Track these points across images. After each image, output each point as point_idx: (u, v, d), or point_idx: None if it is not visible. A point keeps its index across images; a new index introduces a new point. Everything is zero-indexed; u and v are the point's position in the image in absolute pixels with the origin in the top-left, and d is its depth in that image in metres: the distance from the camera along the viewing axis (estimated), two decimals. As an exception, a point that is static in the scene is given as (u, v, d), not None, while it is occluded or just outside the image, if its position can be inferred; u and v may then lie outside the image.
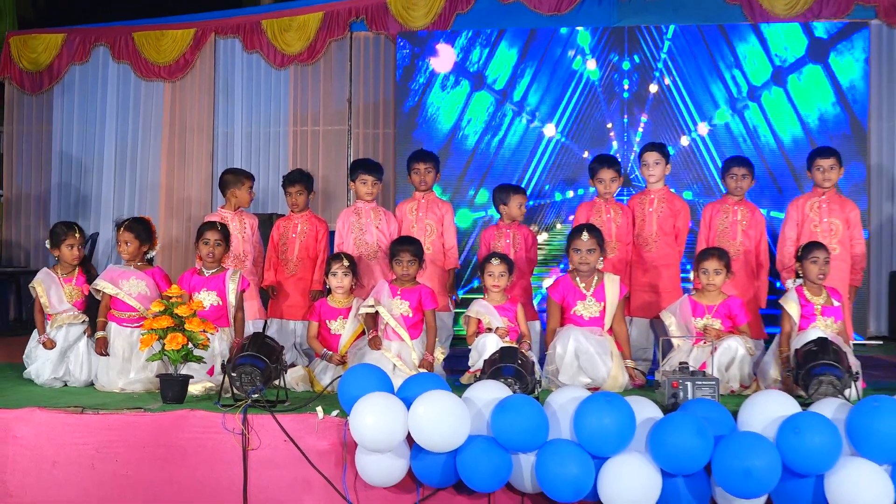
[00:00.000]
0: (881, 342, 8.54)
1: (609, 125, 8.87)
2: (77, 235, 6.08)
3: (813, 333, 5.56)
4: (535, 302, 7.11)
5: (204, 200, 9.41)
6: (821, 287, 5.85)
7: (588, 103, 8.85)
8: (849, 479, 4.29)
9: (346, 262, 6.08)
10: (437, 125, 8.96)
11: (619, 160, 7.46)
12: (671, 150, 7.83)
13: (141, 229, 5.96)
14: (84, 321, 6.01)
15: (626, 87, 8.84)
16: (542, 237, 8.72)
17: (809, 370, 5.06)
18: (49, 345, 5.89)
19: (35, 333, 6.03)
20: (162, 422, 4.91)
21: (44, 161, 9.70)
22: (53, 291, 6.02)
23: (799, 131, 8.63)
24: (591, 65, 8.85)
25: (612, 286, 6.04)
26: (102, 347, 5.77)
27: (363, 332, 6.01)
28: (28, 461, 4.91)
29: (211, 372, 5.62)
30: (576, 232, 6.08)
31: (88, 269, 6.18)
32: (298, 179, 6.83)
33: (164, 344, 5.19)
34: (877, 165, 8.78)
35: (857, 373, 5.16)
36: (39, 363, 5.92)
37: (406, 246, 6.02)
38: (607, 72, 8.86)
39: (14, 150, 9.74)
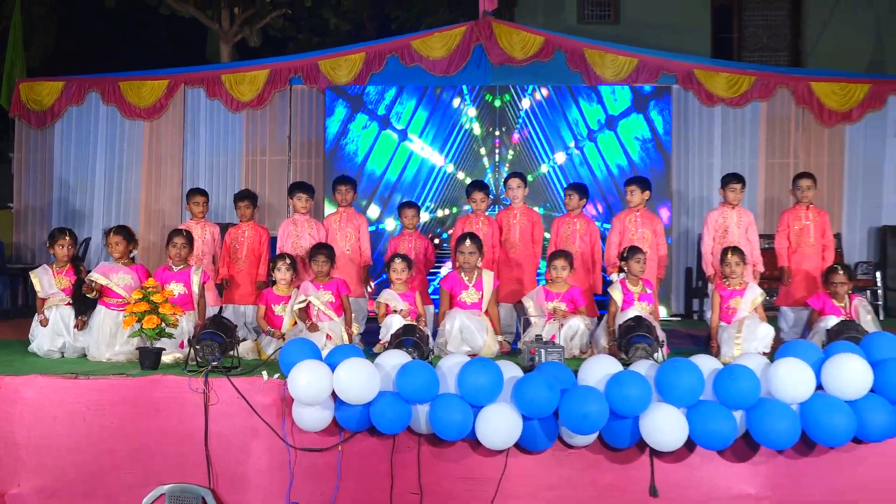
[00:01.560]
0: (679, 318, 8.79)
1: (484, 156, 8.92)
2: (66, 238, 5.96)
3: (631, 313, 5.70)
4: (429, 291, 7.12)
5: (175, 214, 9.18)
6: (638, 279, 6.00)
7: (469, 142, 8.90)
8: (657, 419, 4.41)
9: (287, 261, 6.10)
10: (354, 157, 8.89)
11: (491, 185, 7.52)
12: (531, 178, 7.92)
13: (127, 233, 5.90)
14: (69, 303, 5.82)
15: (496, 129, 8.90)
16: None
17: (629, 340, 5.19)
18: (44, 322, 5.74)
19: (36, 316, 5.84)
20: (140, 384, 4.80)
21: (46, 181, 9.33)
22: (46, 280, 5.88)
23: (624, 164, 8.84)
24: (472, 112, 8.91)
25: (488, 279, 6.11)
26: (83, 324, 5.67)
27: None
28: (32, 417, 4.76)
29: (181, 346, 5.48)
30: (461, 239, 6.13)
31: (78, 266, 6.03)
32: (246, 196, 6.84)
33: (143, 323, 5.10)
34: (676, 191, 9.05)
35: (662, 341, 5.32)
36: (39, 338, 5.75)
37: (321, 250, 6.06)
38: (483, 118, 8.91)
39: (22, 172, 9.36)
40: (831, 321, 5.62)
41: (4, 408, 4.76)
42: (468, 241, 6.06)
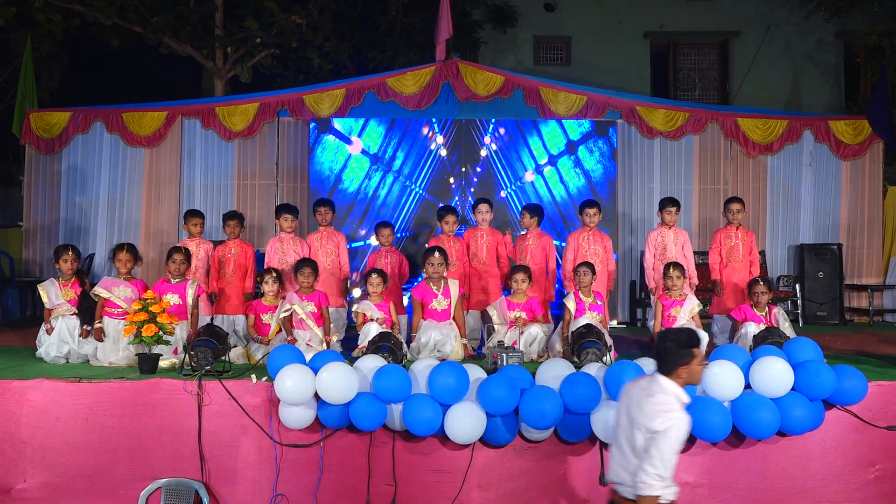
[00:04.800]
0: (625, 325, 8.82)
1: (452, 183, 8.91)
2: (70, 254, 5.85)
3: (582, 321, 5.72)
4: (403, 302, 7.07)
5: (172, 232, 9.03)
6: (590, 290, 6.03)
7: (438, 169, 8.88)
8: (606, 415, 4.42)
9: (273, 275, 6.06)
10: (336, 183, 8.83)
11: (458, 208, 7.51)
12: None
13: (135, 251, 5.87)
14: (74, 313, 5.70)
15: (462, 158, 8.89)
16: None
17: (580, 345, 5.20)
18: (50, 331, 5.63)
19: (43, 325, 5.72)
20: (139, 387, 4.71)
21: (53, 202, 9.12)
22: (52, 292, 5.78)
23: (573, 190, 8.87)
24: (441, 143, 8.88)
25: (454, 287, 6.10)
26: (101, 335, 5.54)
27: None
28: (37, 417, 4.65)
29: (175, 352, 5.40)
30: (429, 252, 6.12)
31: (82, 279, 5.95)
32: (234, 216, 6.78)
33: (142, 331, 5.02)
34: (622, 213, 9.12)
35: (610, 346, 5.34)
36: (46, 345, 5.63)
37: (307, 264, 6.03)
38: (451, 148, 8.90)
39: (32, 194, 9.15)
40: (751, 328, 5.71)
41: (12, 409, 4.65)
42: (436, 254, 6.05)
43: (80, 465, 4.62)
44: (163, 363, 5.16)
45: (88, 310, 5.69)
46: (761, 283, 5.95)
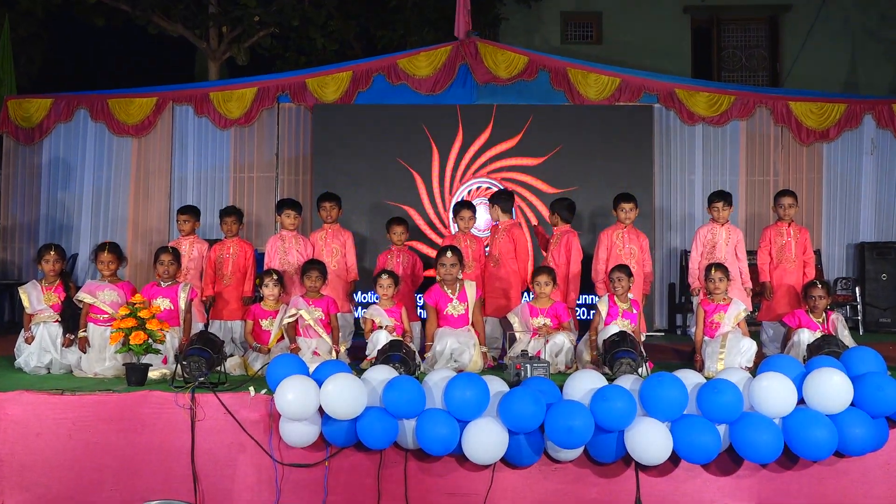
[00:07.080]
0: (663, 333, 8.76)
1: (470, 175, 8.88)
2: (52, 254, 5.92)
3: (613, 328, 5.70)
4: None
5: (163, 230, 9.11)
6: (626, 296, 6.00)
7: (456, 161, 8.82)
8: (641, 433, 4.40)
9: (275, 277, 6.09)
10: (341, 174, 8.82)
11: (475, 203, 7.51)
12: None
13: (119, 251, 5.90)
14: (58, 320, 5.76)
15: (481, 147, 8.84)
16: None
17: (613, 355, 5.18)
18: (29, 340, 5.68)
19: (23, 332, 5.78)
20: (127, 400, 4.75)
21: (34, 198, 9.23)
22: (34, 296, 5.84)
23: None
24: (458, 130, 8.82)
25: (471, 289, 6.11)
26: (85, 344, 5.58)
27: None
28: (16, 433, 4.69)
29: (165, 361, 5.44)
30: (441, 251, 6.13)
31: (67, 282, 5.99)
32: (233, 212, 6.80)
33: (130, 339, 5.05)
34: (659, 208, 9.07)
35: (645, 357, 5.31)
36: (26, 355, 5.69)
37: (315, 266, 6.04)
38: (469, 136, 8.86)
39: (10, 188, 9.27)
40: (805, 335, 5.67)
41: (-11, 424, 4.69)
42: (449, 254, 6.05)
43: (62, 485, 4.66)
44: (152, 374, 5.20)
45: (72, 316, 5.74)
46: (819, 285, 5.90)
